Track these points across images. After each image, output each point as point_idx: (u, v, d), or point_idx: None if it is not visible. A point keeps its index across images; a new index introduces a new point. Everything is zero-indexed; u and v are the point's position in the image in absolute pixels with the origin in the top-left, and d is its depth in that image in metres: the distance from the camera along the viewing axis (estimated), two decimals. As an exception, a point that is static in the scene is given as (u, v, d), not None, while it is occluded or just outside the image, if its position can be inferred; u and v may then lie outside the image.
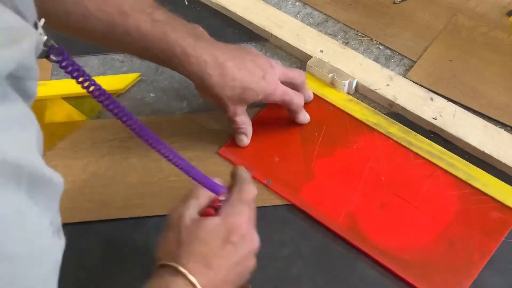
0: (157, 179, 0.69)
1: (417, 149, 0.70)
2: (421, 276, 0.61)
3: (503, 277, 0.62)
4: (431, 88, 0.77)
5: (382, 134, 0.72)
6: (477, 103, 0.76)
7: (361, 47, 0.83)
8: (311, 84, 0.77)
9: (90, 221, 0.66)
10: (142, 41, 0.61)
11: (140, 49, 0.63)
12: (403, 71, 0.80)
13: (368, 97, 0.77)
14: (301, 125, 0.73)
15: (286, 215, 0.67)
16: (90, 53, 0.83)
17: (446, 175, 0.68)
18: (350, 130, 0.73)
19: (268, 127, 0.73)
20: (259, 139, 0.72)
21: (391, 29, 0.85)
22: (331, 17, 0.87)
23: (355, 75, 0.77)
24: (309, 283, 0.62)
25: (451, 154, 0.70)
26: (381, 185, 0.67)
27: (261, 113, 0.75)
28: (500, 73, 0.79)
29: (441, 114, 0.74)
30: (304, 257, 0.64)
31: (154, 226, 0.66)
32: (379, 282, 0.62)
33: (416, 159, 0.70)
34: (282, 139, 0.72)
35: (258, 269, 0.63)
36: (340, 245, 0.65)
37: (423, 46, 0.82)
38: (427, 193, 0.67)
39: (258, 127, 0.72)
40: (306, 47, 0.81)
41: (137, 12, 0.61)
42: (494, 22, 0.85)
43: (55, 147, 0.72)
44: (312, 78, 0.78)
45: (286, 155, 0.71)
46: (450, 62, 0.80)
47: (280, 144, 0.72)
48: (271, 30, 0.83)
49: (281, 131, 0.73)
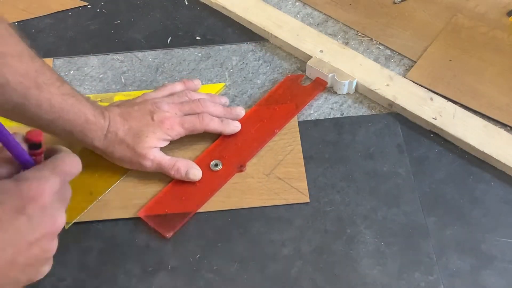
0: (157, 179, 0.69)
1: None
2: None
3: (503, 277, 0.62)
4: (431, 88, 0.77)
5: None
6: (477, 103, 0.76)
7: (361, 47, 0.83)
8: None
9: (90, 221, 0.67)
10: (51, 113, 0.61)
11: (47, 121, 0.62)
12: (403, 71, 0.80)
13: (368, 97, 0.77)
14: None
15: (286, 215, 0.67)
16: (90, 53, 0.83)
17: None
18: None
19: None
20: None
21: (391, 29, 0.85)
22: (331, 17, 0.87)
23: (355, 75, 0.77)
24: (309, 283, 0.62)
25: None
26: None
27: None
28: (500, 73, 0.79)
29: (441, 114, 0.74)
30: (304, 257, 0.64)
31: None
32: (379, 282, 0.62)
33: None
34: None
35: (258, 269, 0.63)
36: (340, 245, 0.65)
37: (423, 46, 0.82)
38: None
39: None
40: (306, 47, 0.81)
41: (49, 85, 0.61)
42: (494, 22, 0.85)
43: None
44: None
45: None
46: (450, 62, 0.80)
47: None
48: (271, 30, 0.83)
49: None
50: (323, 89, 0.78)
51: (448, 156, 0.72)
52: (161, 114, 0.68)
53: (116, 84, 0.80)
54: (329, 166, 0.71)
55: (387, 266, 0.63)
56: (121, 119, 0.67)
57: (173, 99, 0.71)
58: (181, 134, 0.69)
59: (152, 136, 0.67)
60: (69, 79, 0.80)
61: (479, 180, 0.70)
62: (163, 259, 0.64)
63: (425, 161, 0.71)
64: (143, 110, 0.68)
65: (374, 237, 0.65)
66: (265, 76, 0.80)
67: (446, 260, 0.64)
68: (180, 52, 0.84)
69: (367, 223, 0.66)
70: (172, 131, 0.68)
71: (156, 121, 0.67)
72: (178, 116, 0.69)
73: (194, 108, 0.71)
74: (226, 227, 0.66)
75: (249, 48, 0.84)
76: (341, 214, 0.67)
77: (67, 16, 0.88)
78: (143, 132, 0.67)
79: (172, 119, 0.68)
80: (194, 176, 0.68)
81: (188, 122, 0.69)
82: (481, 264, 0.63)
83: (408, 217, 0.67)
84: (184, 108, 0.70)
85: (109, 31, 0.86)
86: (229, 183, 0.69)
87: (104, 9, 0.89)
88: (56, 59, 0.83)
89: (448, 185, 0.69)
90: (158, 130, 0.67)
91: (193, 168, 0.68)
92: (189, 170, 0.68)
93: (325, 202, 0.68)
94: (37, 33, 0.86)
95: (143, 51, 0.84)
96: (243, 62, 0.82)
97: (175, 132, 0.68)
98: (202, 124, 0.70)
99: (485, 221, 0.67)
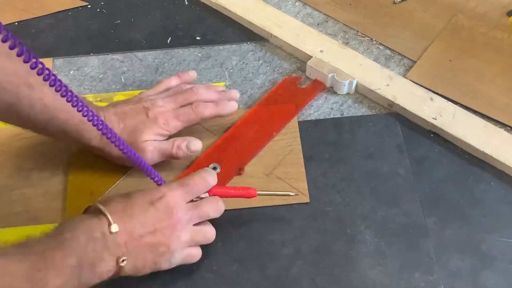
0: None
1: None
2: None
3: (503, 277, 0.62)
4: (431, 88, 0.77)
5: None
6: (477, 103, 0.76)
7: (361, 47, 0.83)
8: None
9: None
10: (44, 113, 0.61)
11: (42, 122, 0.62)
12: (403, 71, 0.80)
13: (368, 97, 0.77)
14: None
15: (286, 215, 0.67)
16: (90, 53, 0.83)
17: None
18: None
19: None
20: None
21: (391, 29, 0.85)
22: (331, 17, 0.87)
23: (355, 75, 0.77)
24: (309, 283, 0.62)
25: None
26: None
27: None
28: (500, 73, 0.79)
29: (441, 114, 0.74)
30: (304, 257, 0.64)
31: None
32: (379, 282, 0.62)
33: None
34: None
35: (258, 269, 0.63)
36: (340, 245, 0.65)
37: (423, 46, 0.82)
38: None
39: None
40: (306, 47, 0.81)
41: (41, 85, 0.59)
42: (494, 22, 0.85)
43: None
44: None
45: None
46: (450, 62, 0.80)
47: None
48: (271, 30, 0.83)
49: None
50: (322, 90, 0.78)
51: (448, 156, 0.72)
52: (156, 110, 0.68)
53: (116, 84, 0.80)
54: (329, 166, 0.71)
55: (387, 266, 0.63)
56: (116, 118, 0.66)
57: (168, 93, 0.71)
58: (178, 127, 0.69)
59: (148, 131, 0.67)
60: (69, 79, 0.80)
61: (479, 180, 0.70)
62: (163, 259, 0.64)
63: (425, 161, 0.71)
64: (138, 108, 0.68)
65: (374, 237, 0.65)
66: (265, 76, 0.80)
67: (446, 260, 0.64)
68: (180, 52, 0.84)
69: (367, 223, 0.66)
70: (168, 126, 0.68)
71: (151, 117, 0.67)
72: (173, 109, 0.69)
73: (187, 97, 0.70)
74: (226, 227, 0.66)
75: (249, 48, 0.84)
76: (341, 214, 0.67)
77: (67, 16, 0.88)
78: (139, 128, 0.67)
79: (166, 114, 0.68)
80: (195, 146, 0.68)
81: (182, 114, 0.69)
82: (481, 264, 0.63)
83: (408, 217, 0.67)
84: (178, 100, 0.70)
85: (109, 31, 0.86)
86: (229, 183, 0.69)
87: (104, 9, 0.89)
88: (56, 59, 0.83)
89: (448, 185, 0.69)
90: (154, 125, 0.67)
91: (192, 140, 0.68)
92: (189, 143, 0.68)
93: (325, 202, 0.68)
94: (37, 33, 0.86)
95: (143, 51, 0.84)
96: (243, 62, 0.82)
97: (171, 126, 0.68)
98: (197, 113, 0.69)
99: (485, 221, 0.67)
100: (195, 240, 0.61)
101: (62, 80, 0.49)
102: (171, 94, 0.71)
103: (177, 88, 0.73)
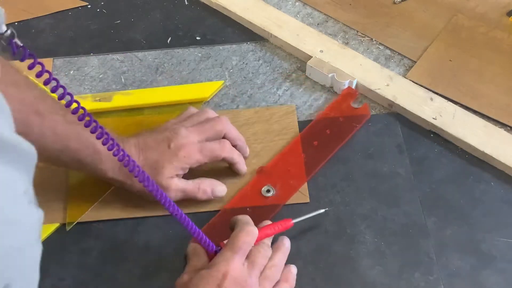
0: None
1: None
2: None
3: (503, 277, 0.62)
4: (431, 88, 0.77)
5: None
6: (477, 103, 0.76)
7: (361, 47, 0.83)
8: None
9: (90, 221, 0.67)
10: (56, 142, 0.60)
11: (55, 152, 0.61)
12: (403, 71, 0.80)
13: (368, 97, 0.77)
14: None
15: (286, 215, 0.67)
16: (90, 53, 0.83)
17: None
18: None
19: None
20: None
21: (391, 29, 0.85)
22: (331, 17, 0.87)
23: (355, 75, 0.77)
24: (309, 283, 0.62)
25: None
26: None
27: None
28: (500, 73, 0.79)
29: (441, 114, 0.74)
30: (304, 257, 0.64)
31: (154, 226, 0.66)
32: (379, 282, 0.62)
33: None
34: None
35: (258, 269, 0.63)
36: (340, 245, 0.65)
37: (423, 46, 0.82)
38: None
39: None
40: (306, 47, 0.81)
41: (51, 113, 0.59)
42: (494, 22, 0.85)
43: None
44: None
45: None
46: (450, 62, 0.80)
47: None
48: (271, 30, 0.83)
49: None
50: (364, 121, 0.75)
51: (448, 156, 0.72)
52: (179, 141, 0.64)
53: (116, 84, 0.80)
54: (329, 166, 0.71)
55: (387, 266, 0.63)
56: (136, 150, 0.64)
57: (192, 121, 0.68)
58: (200, 161, 0.65)
59: (168, 166, 0.63)
60: (69, 79, 0.80)
61: (479, 180, 0.70)
62: (163, 259, 0.64)
63: (425, 161, 0.71)
64: (160, 138, 0.65)
65: (374, 237, 0.65)
66: (265, 76, 0.80)
67: (446, 260, 0.64)
68: (180, 52, 0.84)
69: (367, 223, 0.66)
70: (190, 159, 0.64)
71: (172, 149, 0.64)
72: (197, 141, 0.65)
73: (213, 125, 0.67)
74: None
75: (249, 48, 0.84)
76: (341, 214, 0.67)
77: (67, 16, 0.88)
78: (158, 163, 0.63)
79: (189, 146, 0.65)
80: (220, 193, 0.67)
81: (207, 149, 0.66)
82: (481, 264, 0.63)
83: (408, 217, 0.67)
84: (203, 128, 0.66)
85: (109, 31, 0.86)
86: (229, 182, 0.69)
87: (104, 9, 0.89)
88: (56, 59, 0.83)
89: (448, 185, 0.69)
90: (175, 159, 0.64)
91: (217, 185, 0.67)
92: (215, 188, 0.67)
93: (325, 202, 0.68)
94: (37, 33, 0.86)
95: (143, 51, 0.84)
96: (243, 62, 0.82)
97: (193, 159, 0.65)
98: (223, 151, 0.66)
99: (485, 221, 0.67)
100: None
101: (62, 80, 0.49)
102: (195, 120, 0.68)
103: (200, 113, 0.69)
